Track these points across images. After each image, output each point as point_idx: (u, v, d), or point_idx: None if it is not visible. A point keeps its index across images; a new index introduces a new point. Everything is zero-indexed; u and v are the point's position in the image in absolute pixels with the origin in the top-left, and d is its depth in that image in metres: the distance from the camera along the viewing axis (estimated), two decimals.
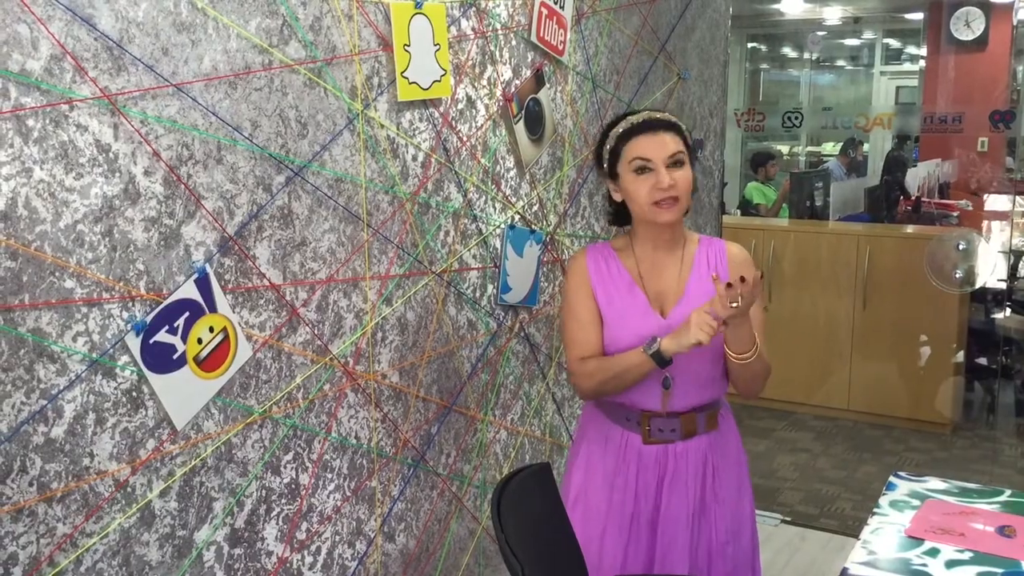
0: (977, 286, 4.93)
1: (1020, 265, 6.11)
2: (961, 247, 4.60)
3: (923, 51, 9.29)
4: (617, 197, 2.18)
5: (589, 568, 2.13)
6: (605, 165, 2.17)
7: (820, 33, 11.57)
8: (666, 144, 2.08)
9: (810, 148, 10.37)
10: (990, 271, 4.96)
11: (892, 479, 2.36)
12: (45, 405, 1.52)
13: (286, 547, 2.03)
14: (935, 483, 2.34)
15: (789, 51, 12.72)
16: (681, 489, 2.16)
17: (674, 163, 2.08)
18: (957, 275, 4.69)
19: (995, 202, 6.93)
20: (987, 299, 5.65)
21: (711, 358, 2.12)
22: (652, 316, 2.13)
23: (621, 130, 2.13)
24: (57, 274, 1.52)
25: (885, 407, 5.45)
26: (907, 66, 11.70)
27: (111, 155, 1.59)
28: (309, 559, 2.09)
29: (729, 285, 1.92)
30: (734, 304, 1.92)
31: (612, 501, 2.18)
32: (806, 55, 11.96)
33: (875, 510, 2.17)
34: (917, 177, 7.43)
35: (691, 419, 2.15)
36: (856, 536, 3.88)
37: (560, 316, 2.34)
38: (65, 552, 1.58)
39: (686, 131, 2.15)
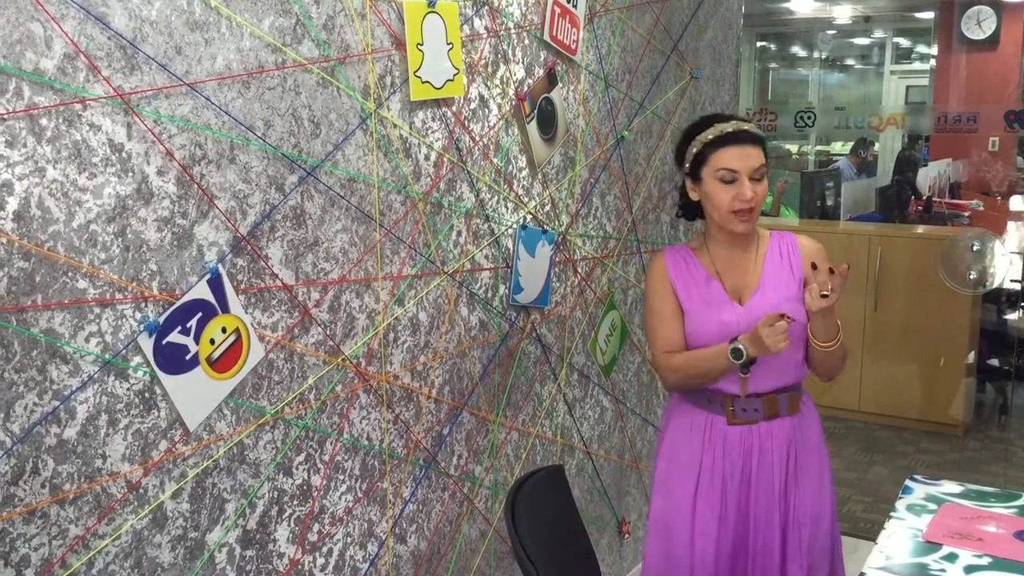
0: (992, 287, 4.90)
1: None
2: (975, 248, 4.57)
3: (934, 50, 9.25)
4: (694, 196, 2.28)
5: (676, 556, 2.24)
6: (687, 165, 2.27)
7: (830, 32, 11.53)
8: (752, 157, 2.19)
9: (818, 147, 10.33)
10: (1005, 272, 4.93)
11: (908, 482, 2.34)
12: (58, 406, 1.51)
13: (298, 549, 2.01)
14: (951, 487, 2.32)
15: (798, 50, 12.68)
16: (767, 471, 2.24)
17: (756, 177, 2.19)
18: (971, 276, 4.66)
19: (1009, 203, 6.89)
20: (1001, 300, 5.62)
21: (792, 341, 2.18)
22: (730, 305, 2.24)
23: (711, 137, 2.22)
24: (70, 274, 1.51)
25: (896, 408, 5.42)
26: (917, 65, 11.65)
27: (124, 155, 1.57)
28: (321, 560, 2.08)
29: (831, 271, 2.05)
30: (824, 294, 2.05)
31: (700, 483, 2.27)
32: (815, 54, 11.92)
33: (891, 514, 2.15)
34: (928, 177, 7.40)
35: (773, 400, 2.24)
36: (867, 538, 3.87)
37: (642, 314, 2.47)
38: (77, 554, 1.57)
39: (767, 145, 2.26)
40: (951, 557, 1.93)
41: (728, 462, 2.25)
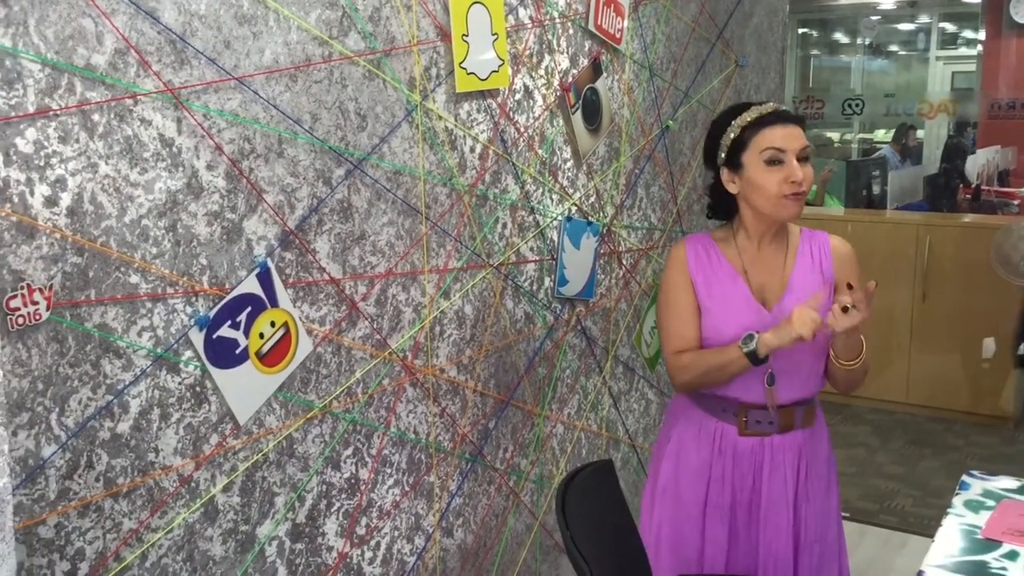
0: None
1: None
2: None
3: (981, 35, 9.06)
4: (733, 188, 2.10)
5: (688, 560, 2.12)
6: (724, 154, 2.10)
7: (874, 18, 11.35)
8: (798, 137, 2.05)
9: (861, 135, 10.17)
10: None
11: (964, 478, 2.29)
12: (111, 401, 1.52)
13: (346, 542, 2.02)
14: (1008, 482, 2.26)
15: (841, 37, 12.50)
16: (780, 484, 2.12)
17: (803, 158, 2.04)
18: None
19: None
20: None
21: (815, 352, 2.08)
22: (755, 308, 2.08)
23: (751, 119, 2.07)
24: (122, 269, 1.52)
25: (945, 401, 5.32)
26: (963, 51, 11.42)
27: (174, 149, 1.58)
28: (369, 554, 2.08)
29: (849, 286, 1.91)
30: (846, 307, 1.90)
31: (709, 492, 2.15)
32: (859, 40, 11.74)
33: (948, 510, 2.10)
34: (976, 164, 7.25)
35: (789, 413, 2.11)
36: (917, 533, 3.81)
37: (656, 307, 2.30)
38: (131, 547, 1.58)
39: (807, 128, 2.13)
40: (1012, 555, 1.89)
41: (738, 474, 2.12)
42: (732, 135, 2.08)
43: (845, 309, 1.91)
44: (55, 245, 1.42)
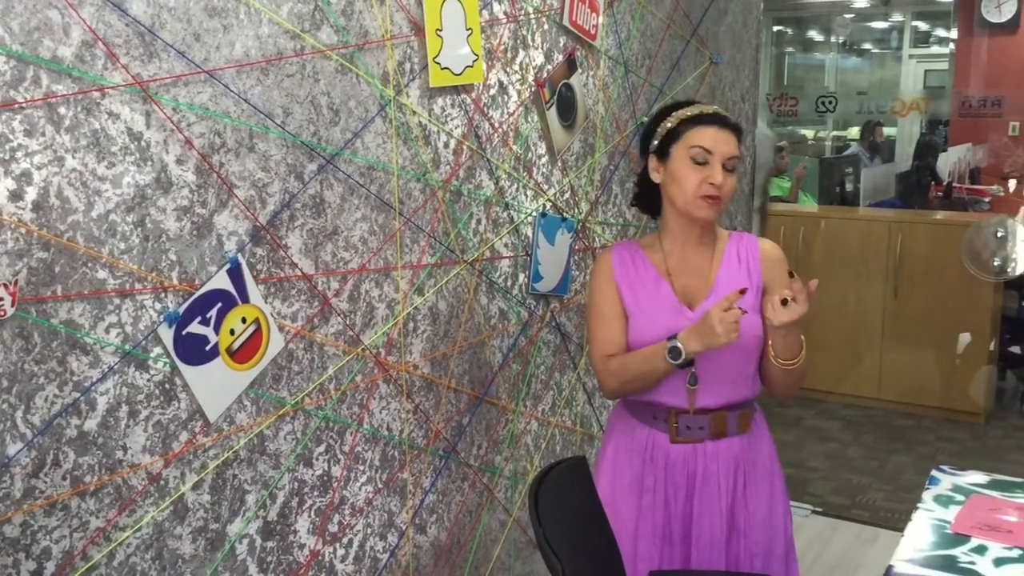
0: (1016, 274, 4.85)
1: None
2: (999, 234, 4.52)
3: (953, 34, 9.14)
4: (656, 178, 2.10)
5: (626, 565, 2.09)
6: (656, 142, 2.09)
7: (848, 16, 11.42)
8: (729, 144, 2.05)
9: (835, 132, 10.24)
10: None
11: (934, 473, 2.31)
12: (78, 398, 1.50)
13: (318, 540, 2.00)
14: (977, 477, 2.29)
15: (815, 35, 12.57)
16: (713, 491, 2.09)
17: (729, 168, 2.04)
18: (995, 263, 4.61)
19: None
20: (1022, 286, 5.56)
21: (743, 354, 2.05)
22: (679, 309, 2.07)
23: (690, 114, 2.07)
24: (89, 265, 1.50)
25: (916, 396, 5.37)
26: (936, 49, 11.52)
27: (143, 143, 1.56)
28: (341, 551, 2.07)
29: (791, 274, 1.92)
30: (785, 299, 1.88)
31: (642, 504, 2.12)
32: (833, 38, 11.80)
33: (918, 505, 2.12)
34: (948, 162, 7.32)
35: (721, 417, 2.08)
36: (888, 527, 3.85)
37: (584, 315, 2.29)
38: (98, 546, 1.56)
39: (744, 140, 2.14)
40: (980, 549, 1.90)
41: (671, 484, 2.09)
42: (669, 125, 2.08)
43: (785, 302, 1.89)
44: (20, 240, 1.39)
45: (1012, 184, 6.84)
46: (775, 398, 2.17)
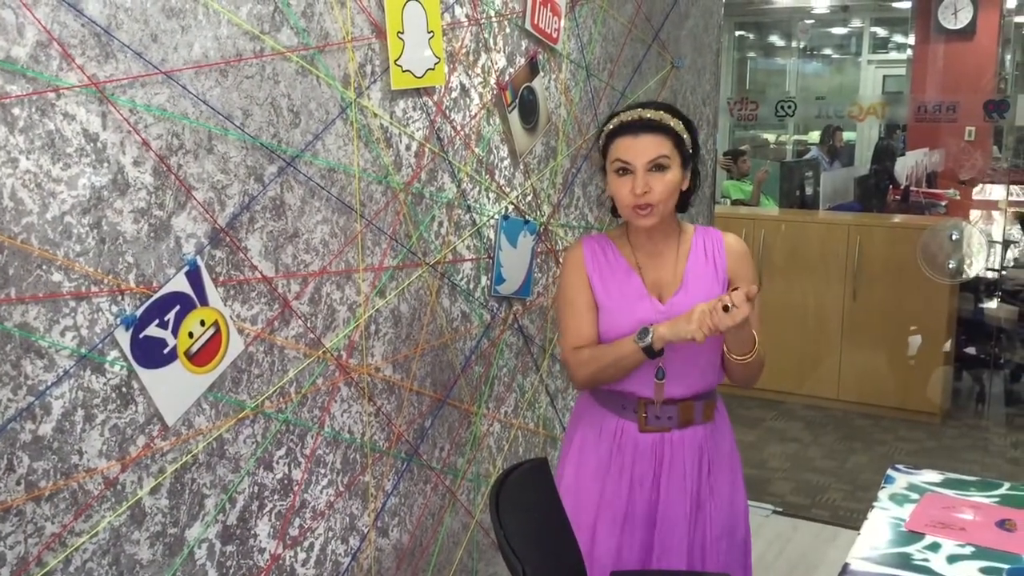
0: (970, 276, 4.94)
1: (1008, 254, 6.13)
2: (954, 237, 4.60)
3: (911, 40, 9.29)
4: (608, 192, 2.15)
5: (584, 551, 2.11)
6: (603, 160, 2.14)
7: (808, 22, 11.56)
8: (646, 148, 2.04)
9: (796, 136, 10.36)
10: (984, 261, 4.97)
11: (890, 472, 2.34)
12: (32, 402, 1.48)
13: (279, 544, 1.99)
14: (932, 476, 2.33)
15: (777, 40, 12.71)
16: (679, 482, 2.14)
17: (655, 167, 2.04)
18: (950, 265, 4.69)
19: (984, 191, 6.95)
20: (979, 289, 5.66)
21: (707, 346, 2.08)
22: (650, 302, 2.11)
23: (611, 127, 2.10)
24: (44, 267, 1.48)
25: (875, 397, 5.45)
26: (894, 55, 11.70)
27: (99, 145, 1.54)
28: (302, 555, 2.06)
29: (726, 308, 1.90)
30: (726, 305, 1.91)
31: (604, 492, 2.16)
32: (793, 43, 11.94)
33: (874, 503, 2.15)
34: (905, 166, 7.44)
35: (688, 407, 2.13)
36: (847, 526, 3.90)
37: (555, 306, 2.30)
38: (54, 552, 1.54)
39: (680, 130, 2.08)
40: (934, 547, 1.94)
41: (638, 471, 2.13)
42: (601, 141, 2.13)
43: (726, 308, 1.91)
44: None
45: (981, 187, 6.97)
46: (737, 385, 2.22)
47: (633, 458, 2.14)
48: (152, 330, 1.64)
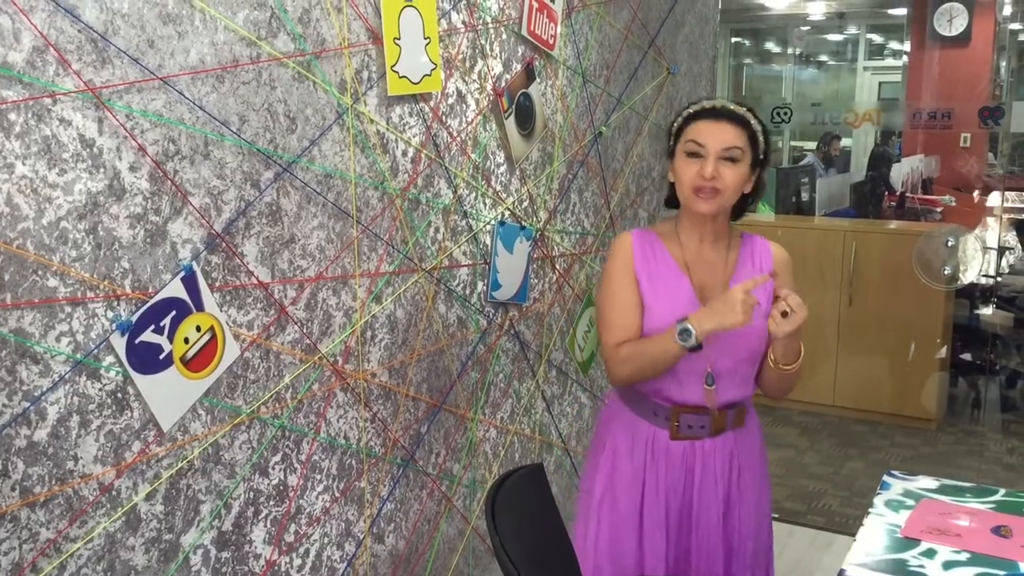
0: (965, 282, 4.94)
1: (1004, 261, 6.14)
2: (949, 243, 4.61)
3: (906, 47, 9.31)
4: (671, 177, 2.12)
5: (628, 571, 2.11)
6: (670, 143, 2.12)
7: (804, 28, 11.59)
8: (724, 134, 2.02)
9: (792, 143, 10.38)
10: (980, 267, 4.98)
11: (885, 478, 2.34)
12: (28, 407, 1.48)
13: (274, 550, 1.99)
14: (928, 482, 2.33)
15: (773, 46, 12.74)
16: (711, 488, 2.13)
17: (728, 157, 2.01)
18: (945, 271, 4.70)
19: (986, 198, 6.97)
20: (975, 295, 5.67)
21: (753, 356, 2.10)
22: (697, 306, 2.06)
23: (691, 111, 2.08)
24: (40, 272, 1.48)
25: (871, 403, 5.45)
26: (889, 61, 11.73)
27: (95, 150, 1.54)
28: (298, 561, 2.06)
29: (784, 314, 1.94)
30: (784, 312, 1.94)
31: (645, 499, 2.14)
32: (789, 50, 11.97)
33: (870, 510, 2.15)
34: (901, 173, 7.45)
35: (722, 416, 2.12)
36: (843, 532, 3.90)
37: (597, 299, 2.26)
38: (48, 558, 1.54)
39: (758, 130, 2.07)
40: (929, 553, 1.94)
41: (671, 479, 2.12)
42: (675, 124, 2.11)
43: (784, 314, 1.93)
44: None
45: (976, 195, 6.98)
46: (769, 397, 2.22)
47: (666, 466, 2.12)
48: (148, 336, 1.64)
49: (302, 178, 1.96)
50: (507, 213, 2.68)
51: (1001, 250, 6.00)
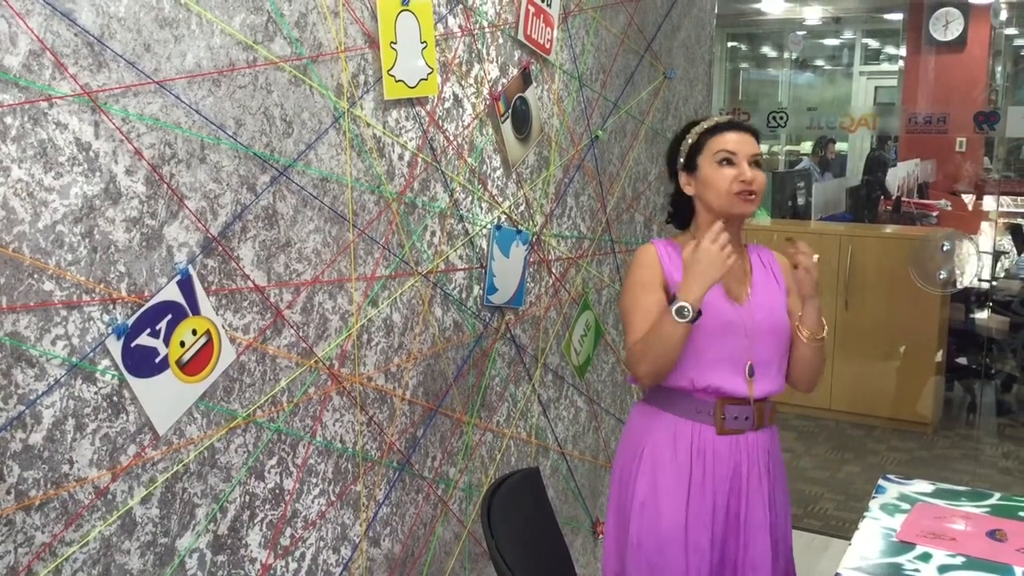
0: (961, 287, 4.96)
1: (999, 265, 6.15)
2: (945, 248, 4.61)
3: (902, 51, 9.34)
4: (689, 190, 2.24)
5: (675, 566, 2.11)
6: (682, 159, 2.24)
7: (800, 33, 11.61)
8: (751, 143, 2.21)
9: (788, 147, 10.40)
10: (975, 272, 4.99)
11: (881, 482, 2.35)
12: (23, 411, 1.48)
13: (270, 553, 1.99)
14: (923, 486, 2.33)
15: (769, 51, 12.77)
16: (756, 484, 2.17)
17: (754, 163, 2.19)
18: (940, 275, 4.71)
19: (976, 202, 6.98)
20: (970, 299, 5.68)
21: (783, 346, 2.22)
22: (729, 302, 2.18)
23: (707, 126, 2.23)
24: (36, 276, 1.48)
25: (867, 407, 5.47)
26: (886, 66, 11.76)
27: (91, 154, 1.54)
28: (293, 565, 2.06)
29: (790, 239, 2.12)
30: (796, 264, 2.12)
31: (691, 498, 2.15)
32: (786, 55, 12.00)
33: (865, 513, 2.16)
34: (897, 177, 7.47)
35: (763, 407, 2.20)
36: (839, 536, 3.90)
37: (620, 306, 2.30)
38: (44, 562, 1.53)
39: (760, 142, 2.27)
40: (925, 557, 1.94)
41: (718, 475, 2.14)
42: (690, 140, 2.24)
43: (796, 266, 2.12)
44: None
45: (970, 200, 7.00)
46: (801, 389, 2.32)
47: (713, 461, 2.15)
48: (143, 339, 1.64)
49: (298, 182, 1.96)
50: (503, 217, 2.68)
51: (996, 254, 6.02)
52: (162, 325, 1.67)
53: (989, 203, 6.97)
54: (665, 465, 2.17)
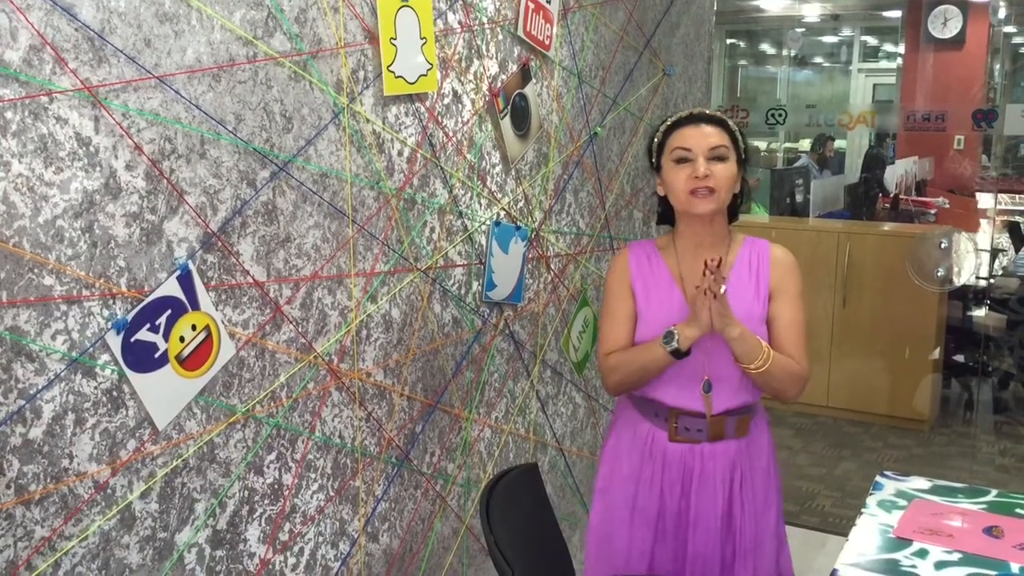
0: (959, 284, 4.96)
1: (996, 263, 6.16)
2: (943, 245, 4.62)
3: (901, 49, 9.34)
4: (661, 191, 2.19)
5: (614, 562, 2.15)
6: (652, 160, 2.20)
7: (799, 30, 11.61)
8: (708, 136, 2.08)
9: (787, 144, 10.41)
10: (973, 270, 5.00)
11: (878, 478, 2.35)
12: (23, 405, 1.48)
13: (269, 548, 1.99)
14: (920, 483, 2.34)
15: (768, 48, 12.76)
16: (709, 492, 2.14)
17: (715, 157, 2.07)
18: (938, 273, 4.71)
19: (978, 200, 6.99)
20: (968, 297, 5.69)
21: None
22: (688, 314, 2.09)
23: (669, 123, 2.16)
24: (36, 271, 1.48)
25: (864, 404, 5.47)
26: (884, 64, 11.76)
27: (92, 149, 1.54)
28: (292, 560, 2.06)
29: (706, 264, 1.97)
30: (706, 290, 1.96)
31: (637, 496, 2.18)
32: (784, 52, 11.99)
33: (862, 510, 2.16)
34: (895, 175, 7.47)
35: (720, 422, 2.13)
36: (836, 533, 3.91)
37: (598, 314, 2.36)
38: (43, 556, 1.54)
39: (736, 130, 2.14)
40: (922, 553, 1.95)
41: (667, 480, 2.15)
42: (655, 140, 2.18)
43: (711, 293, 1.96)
44: None
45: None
46: (775, 399, 2.23)
47: (663, 466, 2.16)
48: (143, 334, 1.64)
49: (298, 177, 1.96)
50: (502, 213, 2.68)
51: (994, 252, 6.03)
52: (162, 320, 1.67)
53: (987, 201, 6.98)
54: (622, 459, 2.23)
